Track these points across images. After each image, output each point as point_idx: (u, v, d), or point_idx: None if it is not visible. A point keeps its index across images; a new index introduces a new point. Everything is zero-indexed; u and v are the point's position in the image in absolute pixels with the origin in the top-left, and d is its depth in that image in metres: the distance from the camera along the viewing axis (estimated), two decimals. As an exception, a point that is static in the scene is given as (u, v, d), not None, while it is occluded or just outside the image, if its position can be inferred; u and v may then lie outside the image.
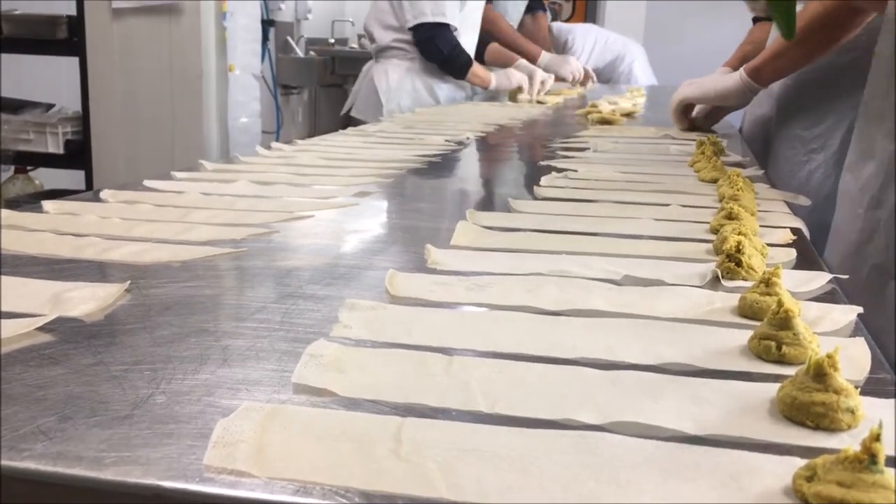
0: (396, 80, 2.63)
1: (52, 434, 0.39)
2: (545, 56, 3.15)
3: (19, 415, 0.41)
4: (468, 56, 2.63)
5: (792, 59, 1.46)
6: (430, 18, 2.50)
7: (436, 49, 2.55)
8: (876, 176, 0.90)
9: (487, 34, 2.93)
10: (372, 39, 2.72)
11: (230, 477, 0.36)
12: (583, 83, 3.31)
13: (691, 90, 1.73)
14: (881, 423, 0.35)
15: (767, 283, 0.60)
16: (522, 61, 2.88)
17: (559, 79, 3.09)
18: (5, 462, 0.37)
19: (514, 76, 2.73)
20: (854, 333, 0.58)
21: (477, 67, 2.65)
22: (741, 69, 1.55)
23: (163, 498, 0.35)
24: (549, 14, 3.78)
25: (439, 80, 2.70)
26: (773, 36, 1.60)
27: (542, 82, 2.76)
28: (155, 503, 0.36)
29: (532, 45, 3.16)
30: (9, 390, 0.44)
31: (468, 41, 2.70)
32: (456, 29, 2.56)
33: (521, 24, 3.41)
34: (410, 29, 2.55)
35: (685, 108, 1.78)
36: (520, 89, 2.69)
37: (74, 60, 3.01)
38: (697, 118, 1.80)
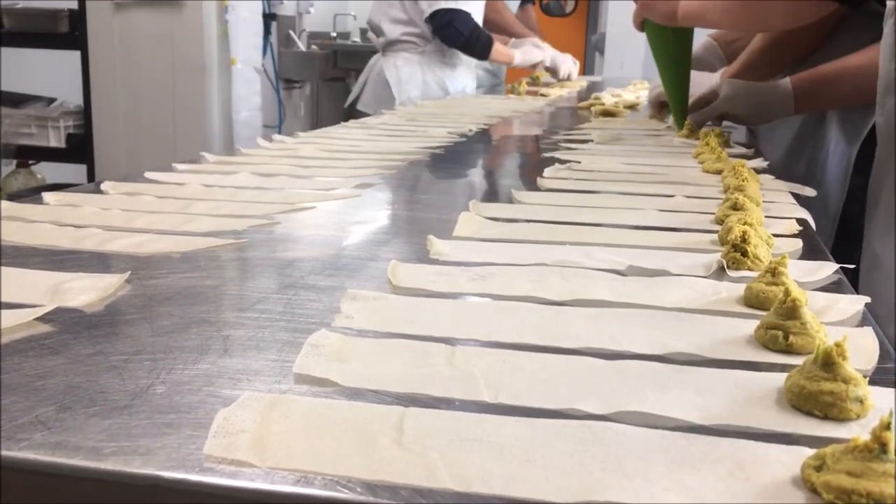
0: (408, 72, 2.63)
1: (51, 424, 0.39)
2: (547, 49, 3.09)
3: (18, 405, 0.41)
4: (488, 35, 2.63)
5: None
6: (445, 5, 2.51)
7: (456, 32, 2.54)
8: None
9: (492, 25, 2.91)
10: (379, 33, 2.70)
11: (230, 467, 0.36)
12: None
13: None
14: (891, 412, 0.35)
15: (774, 273, 0.59)
16: (535, 40, 2.87)
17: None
18: (4, 452, 0.36)
19: (536, 51, 2.72)
20: (861, 323, 0.57)
21: (499, 45, 2.64)
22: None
23: (162, 488, 0.35)
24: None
25: (450, 72, 2.69)
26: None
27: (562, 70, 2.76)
28: (154, 493, 0.35)
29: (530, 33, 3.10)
30: (8, 380, 0.44)
31: None
32: (471, 14, 2.56)
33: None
34: (427, 19, 2.54)
35: (663, 102, 1.81)
36: (538, 69, 2.68)
37: (76, 54, 3.01)
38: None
